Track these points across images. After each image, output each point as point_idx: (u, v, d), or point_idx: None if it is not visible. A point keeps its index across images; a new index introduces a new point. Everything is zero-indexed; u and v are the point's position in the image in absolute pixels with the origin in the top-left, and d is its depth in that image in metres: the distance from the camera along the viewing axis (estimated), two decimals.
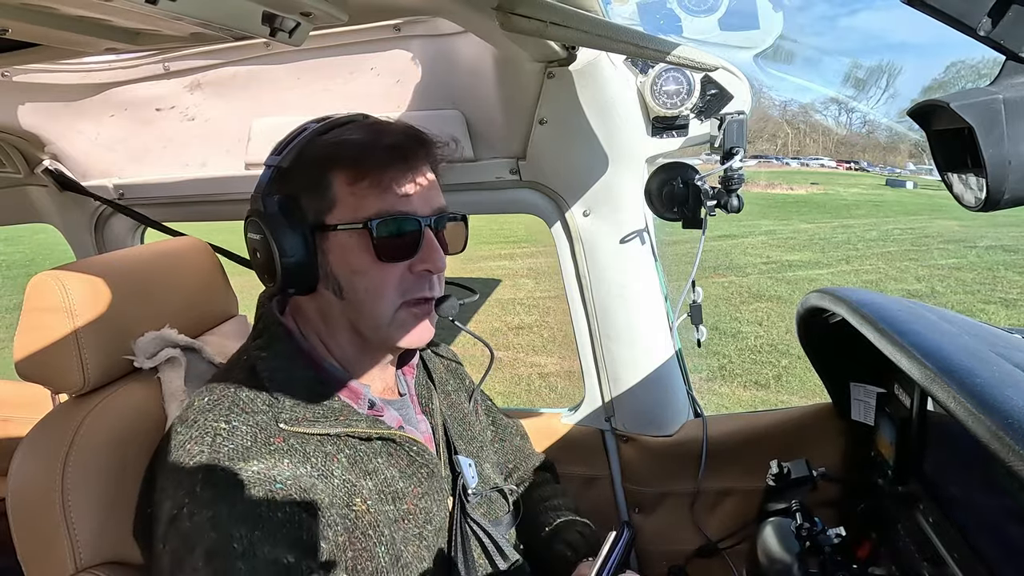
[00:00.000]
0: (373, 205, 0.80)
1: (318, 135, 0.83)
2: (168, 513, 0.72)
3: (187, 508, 0.70)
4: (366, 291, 0.82)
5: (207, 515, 0.69)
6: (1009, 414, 0.62)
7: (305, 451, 0.77)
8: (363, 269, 0.81)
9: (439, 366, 1.08)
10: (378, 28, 1.29)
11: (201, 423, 0.76)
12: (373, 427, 0.83)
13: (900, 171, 51.70)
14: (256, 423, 0.76)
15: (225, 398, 0.78)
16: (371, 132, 0.83)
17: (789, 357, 5.73)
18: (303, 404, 0.80)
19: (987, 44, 0.49)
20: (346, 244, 0.81)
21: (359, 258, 0.81)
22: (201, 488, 0.71)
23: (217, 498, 0.70)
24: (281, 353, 0.84)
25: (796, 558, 1.05)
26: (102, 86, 1.49)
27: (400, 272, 0.82)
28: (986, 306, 7.95)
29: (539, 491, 1.19)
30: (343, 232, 0.80)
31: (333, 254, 0.82)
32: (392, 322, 0.84)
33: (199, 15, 0.72)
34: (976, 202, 0.53)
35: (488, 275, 9.49)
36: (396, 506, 0.82)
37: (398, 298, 0.83)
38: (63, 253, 1.61)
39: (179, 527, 0.70)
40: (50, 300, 0.91)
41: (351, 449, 0.81)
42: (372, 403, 0.87)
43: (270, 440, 0.76)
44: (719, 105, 1.24)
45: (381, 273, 0.81)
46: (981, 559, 0.84)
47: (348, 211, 0.80)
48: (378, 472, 0.82)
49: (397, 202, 0.81)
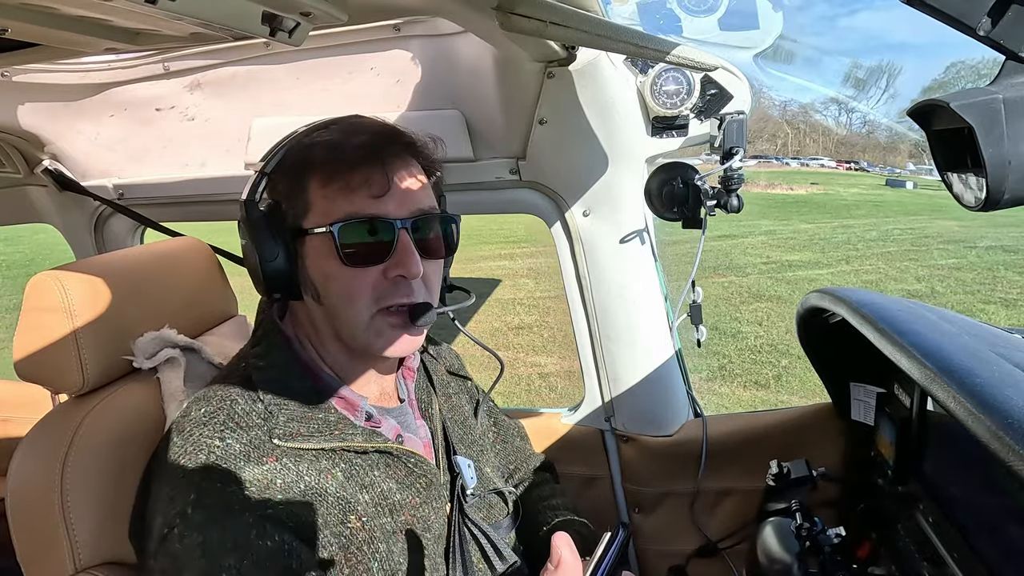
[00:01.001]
0: (342, 208, 0.77)
1: (300, 138, 0.82)
2: (159, 530, 0.71)
3: (178, 529, 0.69)
4: (338, 296, 0.80)
5: (197, 540, 0.69)
6: (1009, 414, 0.62)
7: (299, 470, 0.76)
8: (333, 274, 0.79)
9: (440, 369, 1.08)
10: (378, 28, 1.29)
11: (196, 437, 0.75)
12: (370, 440, 0.82)
13: (900, 171, 51.72)
14: (250, 440, 0.75)
15: (220, 411, 0.77)
16: (343, 132, 0.81)
17: (789, 357, 5.73)
18: (298, 419, 0.79)
19: (987, 44, 0.49)
20: (319, 248, 0.79)
21: (329, 263, 0.79)
22: (192, 510, 0.70)
23: (208, 522, 0.69)
24: (278, 363, 0.83)
25: (796, 558, 1.05)
26: (102, 86, 1.49)
27: (373, 277, 0.80)
28: (986, 306, 7.95)
29: (538, 491, 1.19)
30: (316, 236, 0.79)
31: (309, 259, 0.80)
32: (368, 329, 0.81)
33: (199, 15, 0.71)
34: (976, 202, 0.53)
35: (488, 275, 9.50)
36: (394, 518, 0.81)
37: (372, 304, 0.80)
38: (63, 253, 1.61)
39: (168, 548, 0.70)
40: (49, 300, 0.91)
41: (347, 463, 0.80)
42: (369, 415, 0.86)
43: (263, 459, 0.75)
44: (719, 105, 1.24)
45: (351, 278, 0.79)
46: (981, 559, 0.84)
47: (320, 215, 0.79)
48: (375, 485, 0.81)
49: (367, 204, 0.78)
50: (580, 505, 1.19)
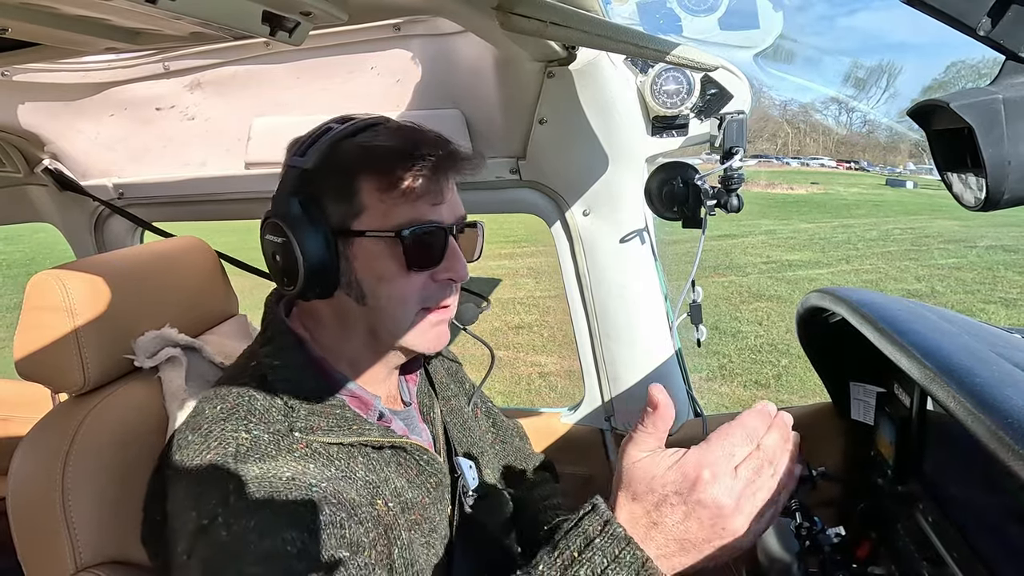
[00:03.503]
0: (404, 214, 0.79)
1: (346, 137, 0.81)
2: (195, 523, 0.70)
3: (221, 518, 0.69)
4: (389, 298, 0.81)
5: (249, 524, 0.68)
6: (1008, 414, 0.62)
7: (328, 453, 0.77)
8: (389, 277, 0.80)
9: (440, 370, 1.08)
10: (378, 27, 1.29)
11: (218, 433, 0.75)
12: (385, 436, 0.83)
13: (900, 171, 51.71)
14: (276, 431, 0.76)
15: (240, 407, 0.77)
16: (404, 140, 0.81)
17: (789, 356, 5.73)
18: (318, 413, 0.79)
19: (987, 44, 0.49)
20: (373, 251, 0.80)
21: (386, 265, 0.80)
22: (235, 499, 0.69)
23: (255, 506, 0.69)
24: (292, 362, 0.83)
25: (796, 557, 1.05)
26: (102, 85, 1.49)
27: (424, 280, 0.82)
28: (986, 306, 7.95)
29: (538, 490, 1.19)
30: (370, 239, 0.79)
31: (358, 260, 0.81)
32: (411, 327, 0.84)
33: (199, 14, 0.71)
34: (976, 202, 0.53)
35: (488, 274, 9.49)
36: (406, 516, 0.82)
37: (418, 305, 0.83)
38: (63, 252, 1.61)
39: (213, 538, 0.68)
40: (50, 299, 0.91)
41: (364, 458, 0.81)
42: (381, 414, 0.87)
43: (293, 447, 0.75)
44: (719, 105, 1.24)
45: (407, 281, 0.81)
46: (981, 559, 0.84)
47: (377, 218, 0.79)
48: (389, 482, 0.82)
49: (427, 212, 0.80)
50: (580, 505, 1.19)
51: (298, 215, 0.78)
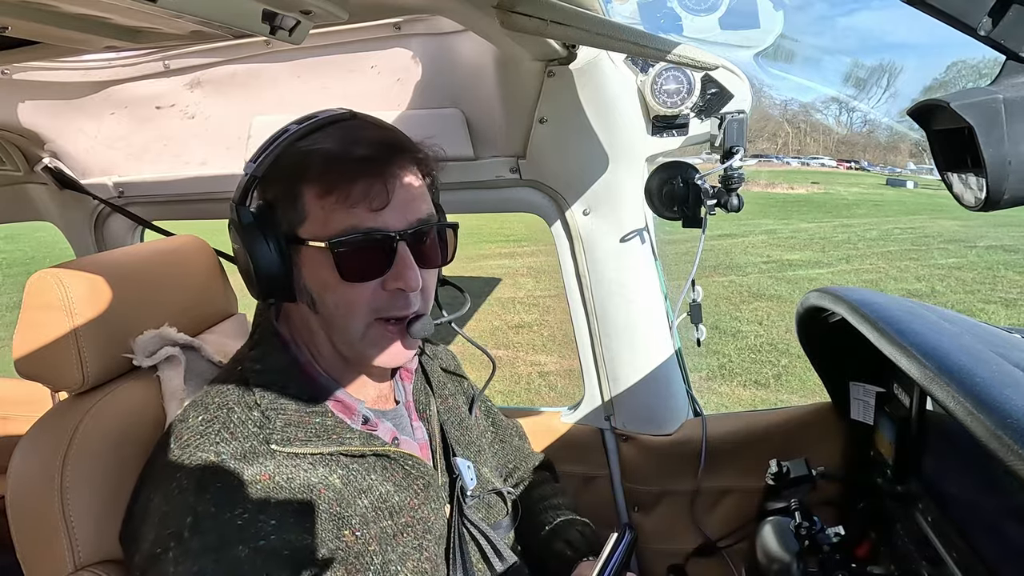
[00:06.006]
0: (341, 221, 0.75)
1: (294, 141, 0.79)
2: (150, 548, 0.72)
3: (172, 553, 0.70)
4: (336, 307, 0.79)
5: (192, 569, 0.69)
6: (1008, 413, 0.62)
7: (293, 484, 0.76)
8: (331, 286, 0.78)
9: (437, 370, 1.08)
10: (378, 26, 1.29)
11: (192, 449, 0.75)
12: (367, 444, 0.82)
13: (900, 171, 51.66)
14: (245, 452, 0.76)
15: (216, 420, 0.78)
16: (342, 142, 0.78)
17: (789, 356, 5.74)
18: (295, 423, 0.79)
19: (987, 44, 0.49)
20: (316, 259, 0.78)
21: (326, 274, 0.78)
22: (189, 535, 0.70)
23: (204, 551, 0.70)
24: (275, 366, 0.83)
25: (795, 557, 1.05)
26: (102, 84, 1.49)
27: (372, 289, 0.79)
28: (986, 306, 7.95)
29: (538, 490, 1.19)
30: (312, 247, 0.77)
31: (306, 268, 0.79)
32: (364, 339, 0.81)
33: (199, 13, 0.71)
34: (976, 202, 0.53)
35: (488, 274, 9.50)
36: (394, 520, 0.81)
37: (370, 315, 0.80)
38: (63, 251, 1.61)
39: (162, 569, 0.70)
40: (49, 298, 0.91)
41: (343, 468, 0.80)
42: (366, 419, 0.86)
43: (257, 479, 0.74)
44: (719, 104, 1.24)
45: (350, 291, 0.78)
46: (980, 559, 0.84)
47: (318, 226, 0.77)
48: (372, 489, 0.81)
49: (366, 218, 0.76)
50: (580, 504, 1.19)
51: (249, 223, 0.77)
